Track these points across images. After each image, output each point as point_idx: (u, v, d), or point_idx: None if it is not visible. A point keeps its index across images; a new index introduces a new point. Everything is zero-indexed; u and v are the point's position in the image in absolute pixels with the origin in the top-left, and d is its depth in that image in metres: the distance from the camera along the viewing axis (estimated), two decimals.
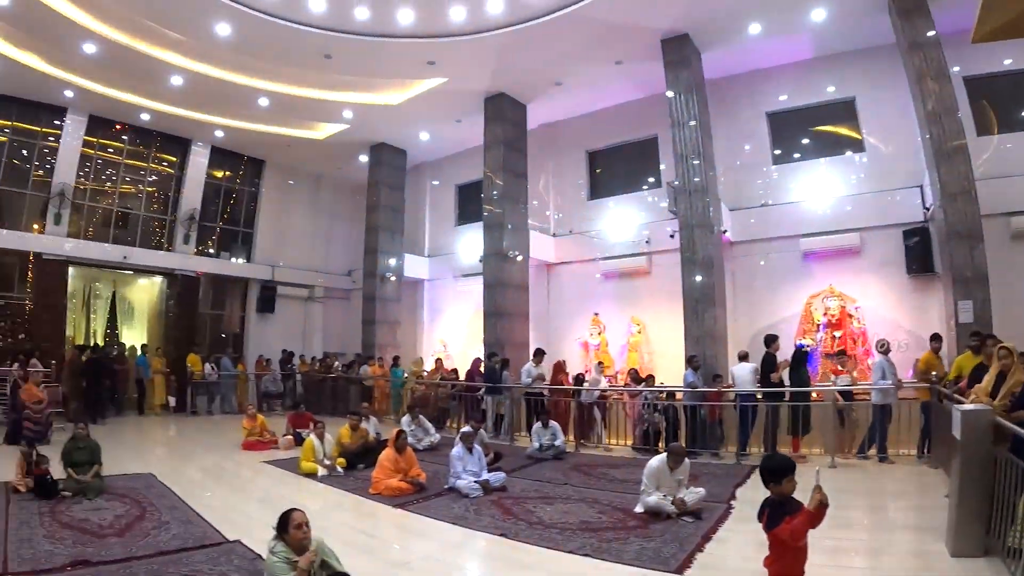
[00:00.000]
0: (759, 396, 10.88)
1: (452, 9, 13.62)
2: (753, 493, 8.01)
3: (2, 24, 13.98)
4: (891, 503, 7.93)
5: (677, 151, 13.63)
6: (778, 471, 4.14)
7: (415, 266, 21.48)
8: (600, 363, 14.25)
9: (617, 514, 7.12)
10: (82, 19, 13.73)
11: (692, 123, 13.46)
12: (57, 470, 8.43)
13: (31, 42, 14.88)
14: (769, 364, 10.88)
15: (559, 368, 13.81)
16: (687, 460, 7.41)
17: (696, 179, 13.28)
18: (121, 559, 5.67)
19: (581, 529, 6.57)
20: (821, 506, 3.81)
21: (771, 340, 11.13)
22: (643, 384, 12.35)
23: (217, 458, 11.56)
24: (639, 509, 7.07)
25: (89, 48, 14.73)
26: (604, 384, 13.59)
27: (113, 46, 14.62)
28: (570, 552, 5.84)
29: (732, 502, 7.61)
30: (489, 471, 8.97)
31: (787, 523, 3.96)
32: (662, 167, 16.19)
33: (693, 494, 7.05)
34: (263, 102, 17.55)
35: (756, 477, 8.96)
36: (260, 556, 5.51)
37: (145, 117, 18.91)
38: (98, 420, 14.42)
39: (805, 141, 14.89)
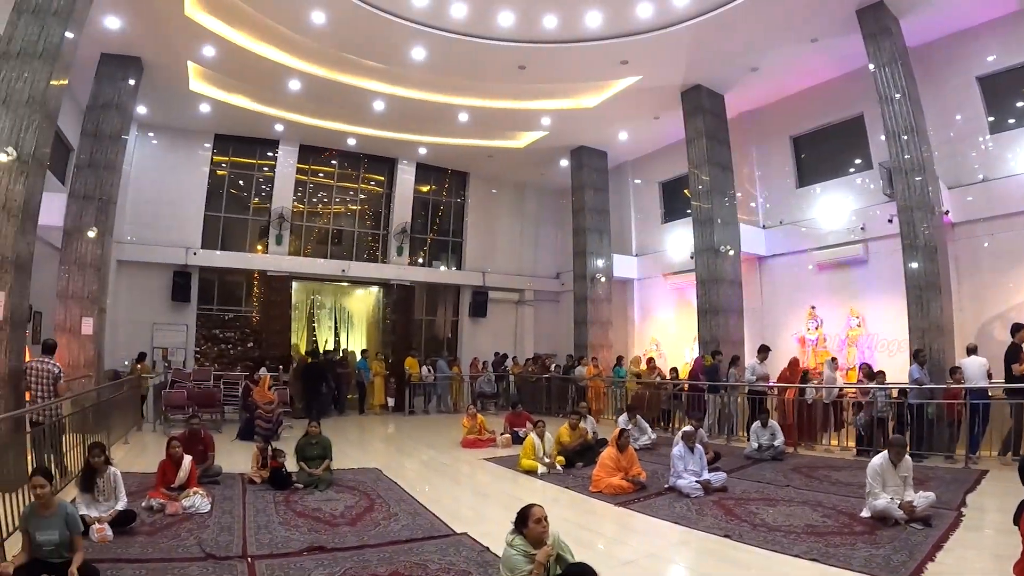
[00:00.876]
0: (997, 393, 10.09)
1: (639, 6, 13.69)
2: (985, 500, 7.66)
3: (213, 72, 15.94)
4: None
5: (887, 128, 12.80)
6: None
7: (624, 266, 21.61)
8: (834, 359, 13.67)
9: (842, 518, 7.00)
10: (286, 60, 15.40)
11: (898, 96, 12.57)
12: (289, 464, 9.19)
13: (241, 85, 17.00)
14: (1013, 355, 10.02)
15: (796, 363, 13.47)
16: (909, 458, 7.17)
17: (907, 156, 12.39)
18: (354, 547, 6.10)
19: (806, 533, 6.48)
20: None
21: (1017, 329, 10.27)
22: (875, 381, 11.74)
23: (438, 454, 12.26)
24: (865, 513, 6.91)
25: (294, 85, 16.56)
26: (840, 381, 13.08)
27: (316, 80, 16.28)
28: (796, 556, 5.76)
29: (963, 509, 7.22)
30: (709, 471, 8.97)
31: None
32: (871, 147, 15.28)
33: (923, 499, 6.77)
34: (462, 117, 18.56)
35: (988, 482, 8.58)
36: (488, 548, 5.93)
37: (351, 142, 20.90)
38: (320, 419, 15.75)
39: (1021, 104, 13.30)
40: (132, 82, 14.73)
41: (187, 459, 7.98)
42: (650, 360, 17.50)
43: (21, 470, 6.73)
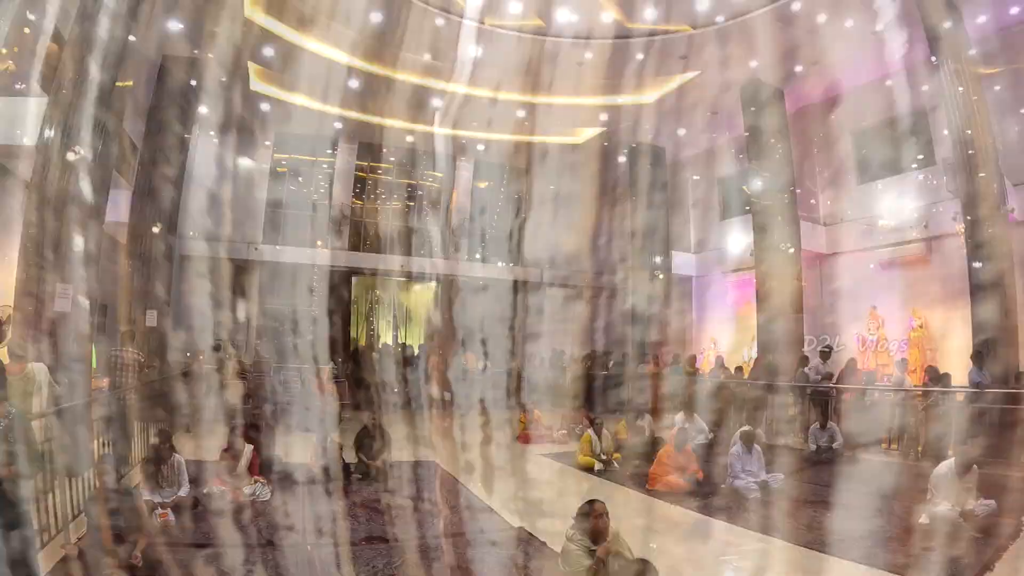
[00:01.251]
0: None
1: (698, 1, 13.70)
2: None
3: (273, 72, 16.31)
4: None
5: (950, 123, 12.47)
6: None
7: (682, 262, 21.54)
8: (904, 359, 13.43)
9: (901, 524, 6.94)
10: (344, 59, 15.71)
11: (962, 90, 12.19)
12: (347, 455, 9.35)
13: (300, 84, 17.21)
14: None
15: (853, 364, 13.27)
16: (975, 466, 7.05)
17: (972, 152, 12.04)
18: (412, 537, 6.27)
19: (865, 537, 6.47)
20: None
21: None
22: (940, 384, 11.37)
23: (495, 449, 12.37)
24: (924, 520, 6.83)
25: (353, 83, 16.76)
26: (908, 383, 12.83)
27: (375, 79, 16.55)
28: (853, 560, 5.77)
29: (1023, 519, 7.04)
30: (766, 472, 8.92)
31: None
32: (934, 143, 14.93)
33: (984, 507, 6.70)
34: (520, 113, 18.50)
35: None
36: (544, 543, 6.06)
37: (409, 139, 21.02)
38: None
39: None
40: (194, 82, 15.14)
41: (248, 448, 8.19)
42: (718, 358, 17.29)
43: (87, 455, 7.01)
